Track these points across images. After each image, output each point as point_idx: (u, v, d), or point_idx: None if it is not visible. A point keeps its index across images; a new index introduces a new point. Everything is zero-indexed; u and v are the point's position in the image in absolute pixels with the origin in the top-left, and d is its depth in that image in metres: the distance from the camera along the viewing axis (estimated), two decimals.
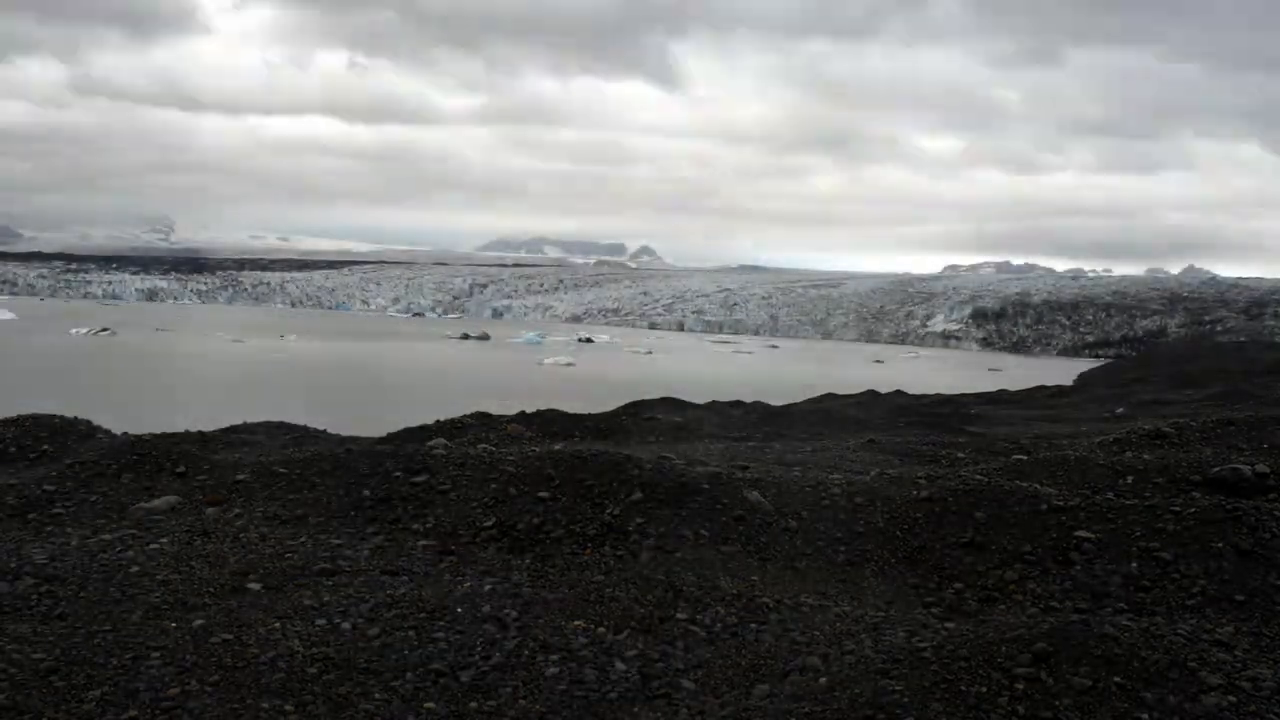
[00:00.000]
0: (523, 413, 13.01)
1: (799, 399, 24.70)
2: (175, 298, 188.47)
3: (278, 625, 4.27)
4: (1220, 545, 5.12)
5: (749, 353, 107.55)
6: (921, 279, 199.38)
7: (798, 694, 3.70)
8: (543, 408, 13.44)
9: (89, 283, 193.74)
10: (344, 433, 11.52)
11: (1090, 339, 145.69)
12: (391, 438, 10.86)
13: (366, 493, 6.35)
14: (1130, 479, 7.18)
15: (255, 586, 4.82)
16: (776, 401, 20.77)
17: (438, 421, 12.14)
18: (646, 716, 3.68)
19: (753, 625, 4.51)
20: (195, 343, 77.39)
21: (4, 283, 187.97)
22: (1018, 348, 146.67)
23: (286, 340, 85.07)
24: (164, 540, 5.53)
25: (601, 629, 4.41)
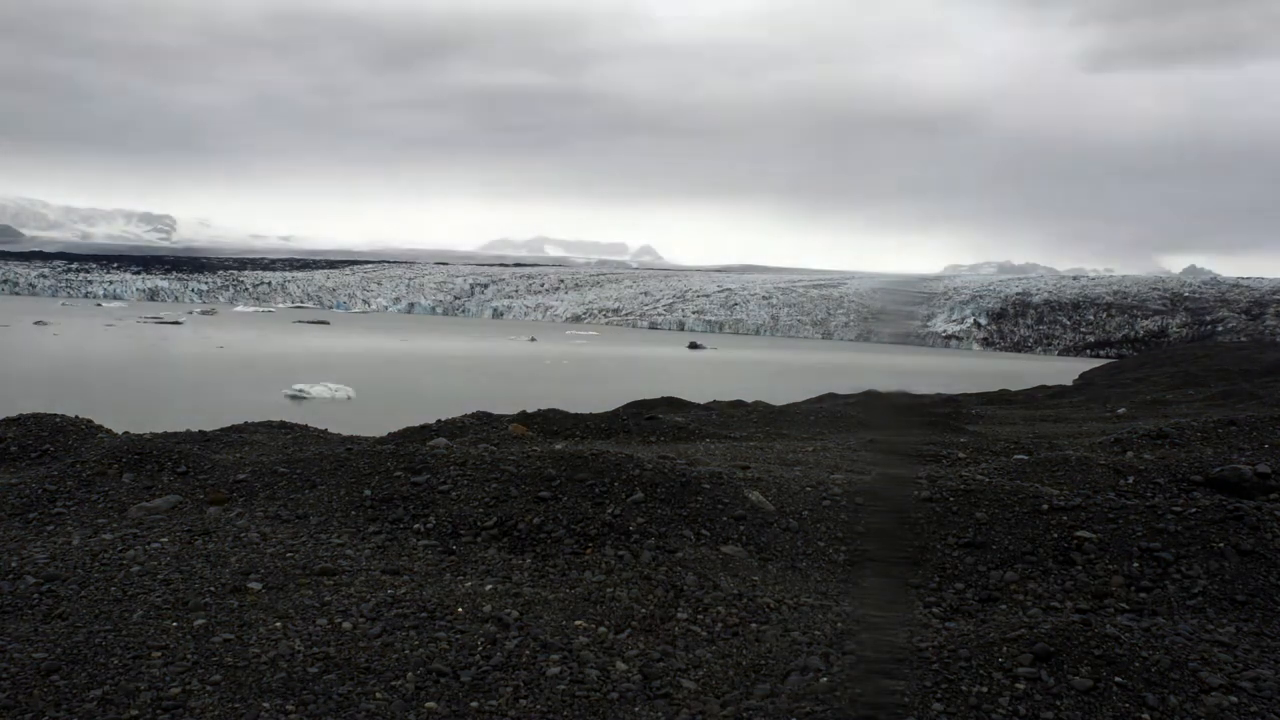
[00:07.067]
0: (524, 412, 13.02)
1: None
2: (176, 298, 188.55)
3: (279, 625, 4.27)
4: (1222, 545, 5.12)
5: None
6: (923, 279, 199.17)
7: (799, 694, 3.69)
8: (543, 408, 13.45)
9: (90, 282, 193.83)
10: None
11: (1091, 339, 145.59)
12: (392, 437, 10.88)
13: (367, 492, 6.36)
14: (1131, 479, 7.19)
15: (256, 586, 4.82)
16: None
17: (439, 421, 12.16)
18: (648, 716, 3.68)
19: (754, 625, 4.51)
20: None
21: (4, 282, 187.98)
22: (1019, 347, 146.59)
23: None
24: (165, 540, 5.53)
25: (603, 629, 4.42)
